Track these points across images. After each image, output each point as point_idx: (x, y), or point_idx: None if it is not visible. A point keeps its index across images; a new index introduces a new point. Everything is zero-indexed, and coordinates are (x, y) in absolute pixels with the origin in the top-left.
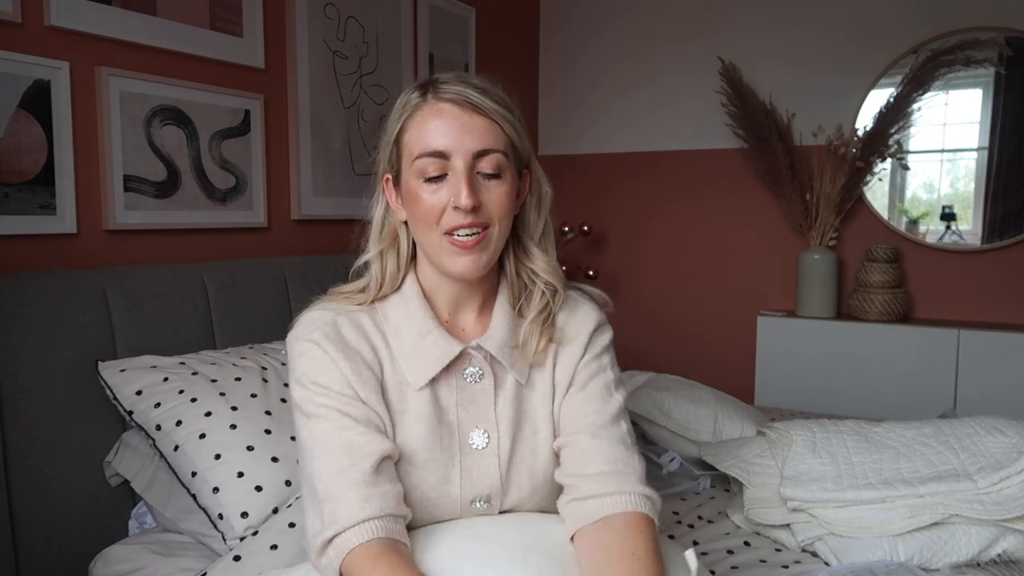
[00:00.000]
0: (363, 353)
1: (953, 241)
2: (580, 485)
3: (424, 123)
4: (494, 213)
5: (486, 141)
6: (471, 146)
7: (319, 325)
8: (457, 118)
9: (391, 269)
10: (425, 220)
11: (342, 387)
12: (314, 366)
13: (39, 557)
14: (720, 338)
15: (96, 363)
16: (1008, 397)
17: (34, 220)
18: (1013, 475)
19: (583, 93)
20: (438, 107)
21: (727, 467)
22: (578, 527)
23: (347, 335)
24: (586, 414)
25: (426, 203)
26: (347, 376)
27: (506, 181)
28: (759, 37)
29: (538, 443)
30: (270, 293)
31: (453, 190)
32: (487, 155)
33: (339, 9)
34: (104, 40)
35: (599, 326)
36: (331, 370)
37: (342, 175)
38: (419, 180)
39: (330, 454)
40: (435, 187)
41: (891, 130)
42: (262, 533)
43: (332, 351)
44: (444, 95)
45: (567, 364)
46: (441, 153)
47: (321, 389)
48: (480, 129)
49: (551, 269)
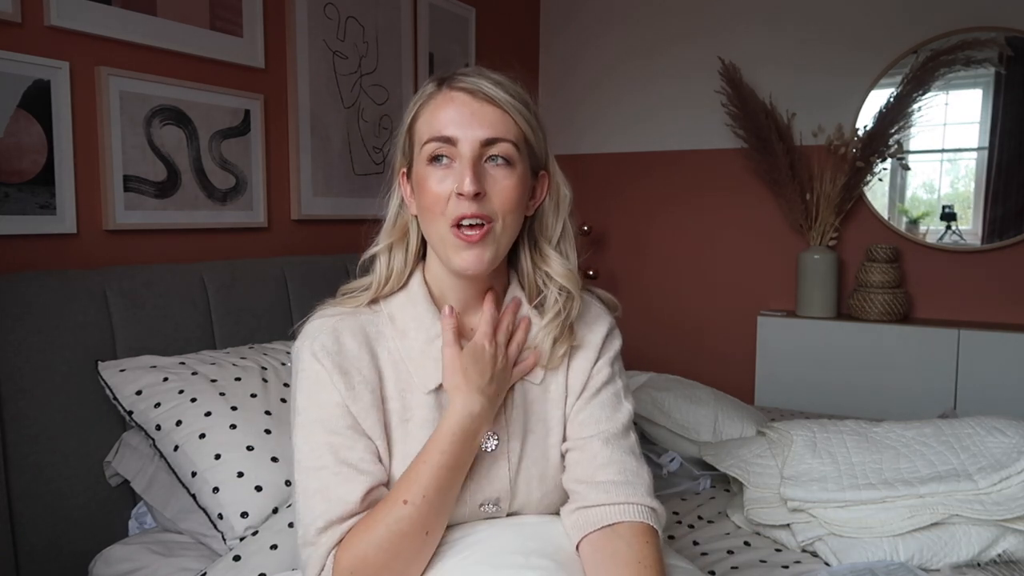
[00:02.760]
0: (363, 367)
1: (953, 241)
2: (588, 493)
3: (435, 110)
4: (499, 206)
5: (496, 130)
6: (480, 134)
7: (320, 336)
8: (467, 105)
9: (398, 264)
10: (431, 208)
11: (334, 407)
12: (310, 384)
13: (39, 557)
14: (720, 338)
15: (96, 363)
16: (1008, 397)
17: (34, 220)
18: (1013, 475)
19: (583, 93)
20: (450, 95)
21: (727, 467)
22: (583, 534)
23: (348, 345)
24: (598, 420)
25: (432, 190)
26: (342, 394)
27: (515, 173)
28: (759, 37)
29: (549, 446)
30: (270, 293)
31: (458, 177)
32: (495, 144)
33: (339, 9)
34: (104, 40)
35: (611, 331)
36: (326, 390)
37: (342, 175)
38: (427, 166)
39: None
40: (442, 174)
41: (891, 130)
42: (262, 533)
43: (328, 365)
44: (458, 85)
45: (581, 368)
46: (448, 139)
47: (315, 404)
48: (490, 118)
49: (567, 274)
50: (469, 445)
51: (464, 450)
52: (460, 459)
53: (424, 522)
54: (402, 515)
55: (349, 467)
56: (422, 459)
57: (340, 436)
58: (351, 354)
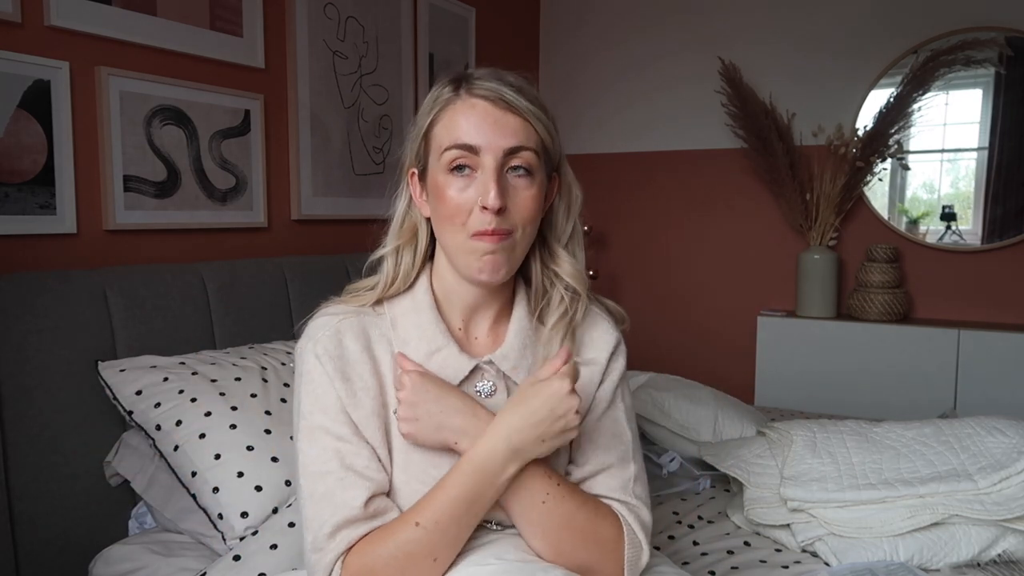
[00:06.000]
0: (364, 373)
1: (953, 241)
2: None
3: (455, 117)
4: (519, 218)
5: (518, 139)
6: (503, 143)
7: (322, 338)
8: (490, 114)
9: (405, 266)
10: (451, 219)
11: (337, 412)
12: (314, 388)
13: (39, 557)
14: (720, 338)
15: (96, 363)
16: (1008, 397)
17: (34, 220)
18: (1013, 475)
19: (582, 93)
20: (471, 102)
21: (727, 467)
22: None
23: (350, 348)
24: (604, 448)
25: (453, 201)
26: (343, 400)
27: (535, 183)
28: (759, 37)
29: (555, 458)
30: (270, 293)
31: (481, 189)
32: (518, 153)
33: (339, 9)
34: (104, 40)
35: (616, 349)
36: (329, 394)
37: (342, 175)
38: (447, 174)
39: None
40: (463, 184)
41: (891, 130)
42: (262, 533)
43: (330, 369)
44: (478, 91)
45: (585, 385)
46: (471, 148)
47: (319, 408)
48: (513, 127)
49: (576, 274)
50: (489, 482)
51: (482, 485)
52: (477, 494)
53: (432, 548)
54: (411, 537)
55: (354, 473)
56: (442, 484)
57: (345, 442)
58: (353, 358)
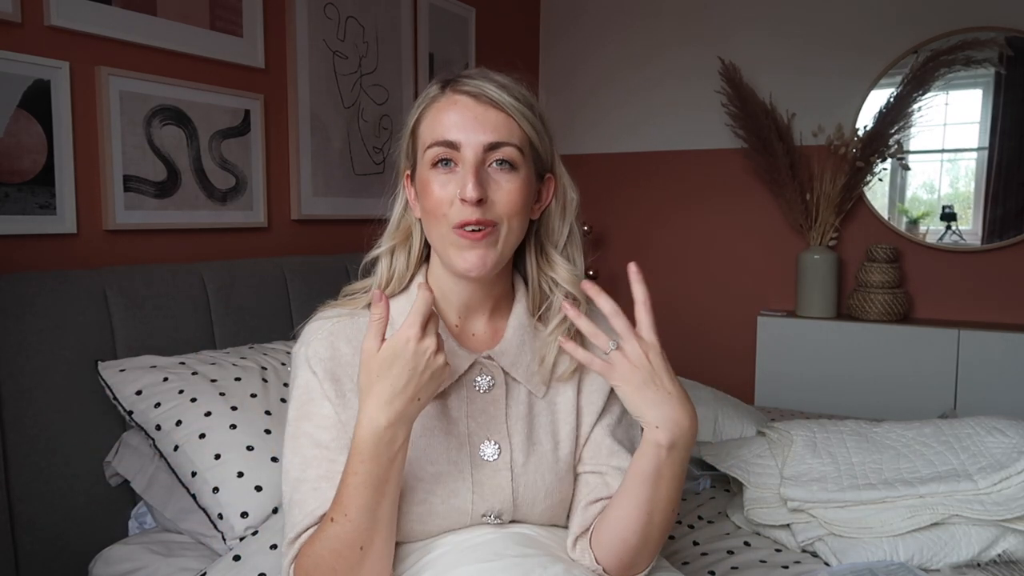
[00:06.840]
0: (355, 374)
1: (953, 241)
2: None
3: (438, 114)
4: (502, 210)
5: (499, 134)
6: (483, 138)
7: (314, 341)
8: (471, 110)
9: (400, 267)
10: (434, 212)
11: (322, 419)
12: (302, 393)
13: (39, 557)
14: (720, 338)
15: (96, 363)
16: (1008, 397)
17: (34, 220)
18: (1013, 475)
19: (583, 93)
20: (453, 99)
21: (727, 467)
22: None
23: (342, 351)
24: (615, 454)
25: (435, 194)
26: (331, 402)
27: (518, 177)
28: (759, 37)
29: (559, 460)
30: (270, 293)
31: (461, 182)
32: (499, 148)
33: (339, 9)
34: (104, 40)
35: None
36: (316, 400)
37: (342, 175)
38: (430, 170)
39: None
40: (445, 178)
41: (891, 130)
42: (262, 533)
43: (320, 372)
44: (461, 88)
45: (595, 390)
46: (452, 143)
47: (304, 415)
48: (494, 122)
49: (573, 280)
50: (384, 459)
51: (379, 465)
52: (377, 475)
53: (353, 539)
54: (330, 533)
55: (328, 482)
56: (343, 476)
57: (325, 449)
58: (344, 360)
